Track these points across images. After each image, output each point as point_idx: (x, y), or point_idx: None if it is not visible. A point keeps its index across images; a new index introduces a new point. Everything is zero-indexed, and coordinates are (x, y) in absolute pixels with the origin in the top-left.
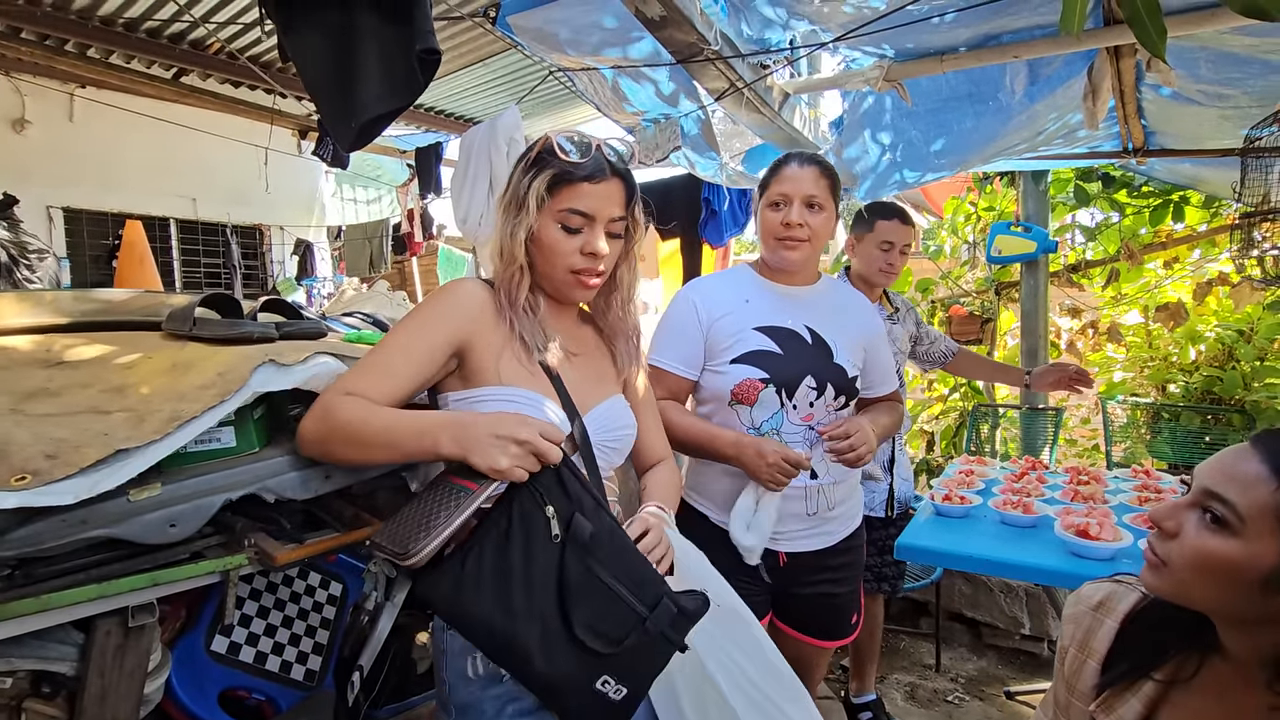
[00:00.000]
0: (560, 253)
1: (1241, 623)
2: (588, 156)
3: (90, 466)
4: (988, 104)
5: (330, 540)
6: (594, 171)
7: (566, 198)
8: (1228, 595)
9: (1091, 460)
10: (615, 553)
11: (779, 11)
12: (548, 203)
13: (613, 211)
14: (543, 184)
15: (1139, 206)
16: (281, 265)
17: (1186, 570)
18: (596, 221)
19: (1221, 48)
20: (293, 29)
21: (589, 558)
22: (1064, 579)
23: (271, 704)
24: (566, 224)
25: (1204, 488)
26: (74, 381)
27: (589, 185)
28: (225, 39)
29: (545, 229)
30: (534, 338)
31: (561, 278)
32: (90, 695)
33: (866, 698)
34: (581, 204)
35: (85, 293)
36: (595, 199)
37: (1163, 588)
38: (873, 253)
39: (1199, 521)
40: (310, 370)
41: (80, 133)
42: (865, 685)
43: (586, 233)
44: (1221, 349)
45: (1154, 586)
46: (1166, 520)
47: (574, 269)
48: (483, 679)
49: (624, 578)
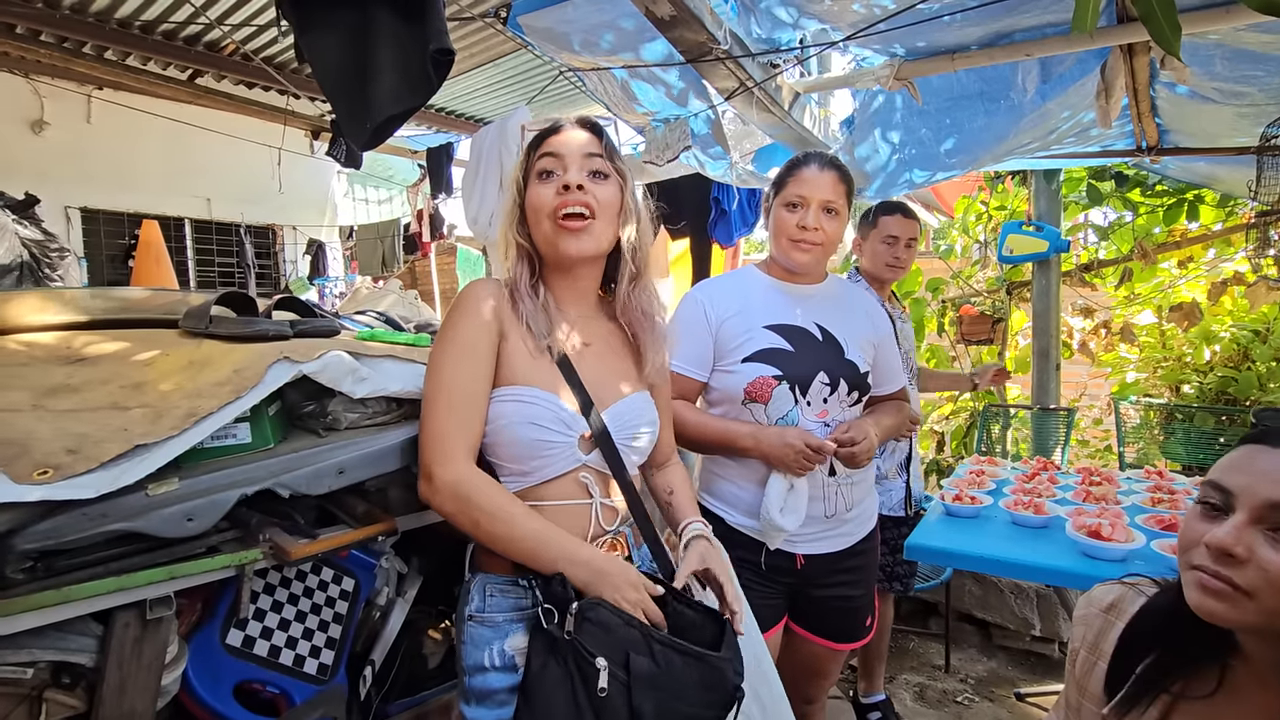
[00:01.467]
0: (540, 203)
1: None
2: (553, 121)
3: (110, 461)
4: (999, 102)
5: (343, 536)
6: (560, 124)
7: (537, 155)
8: None
9: (1104, 461)
10: (678, 677)
11: (789, 11)
12: (529, 174)
13: (583, 149)
14: (521, 163)
15: (1153, 205)
16: (294, 265)
17: (1278, 596)
18: (566, 159)
19: (1237, 44)
20: (308, 30)
21: (657, 692)
22: (1075, 580)
23: (285, 697)
24: (543, 170)
25: (1268, 501)
26: (94, 378)
27: (555, 136)
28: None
29: (530, 195)
30: (539, 323)
31: (549, 230)
32: (109, 686)
33: (875, 698)
34: (549, 149)
35: (105, 291)
36: (561, 140)
37: (1243, 619)
38: (878, 248)
39: (1270, 539)
40: (322, 361)
41: (97, 134)
42: (874, 685)
43: (559, 174)
44: (1236, 349)
45: (1228, 618)
46: (1236, 545)
47: (554, 210)
48: (500, 669)
49: (695, 695)
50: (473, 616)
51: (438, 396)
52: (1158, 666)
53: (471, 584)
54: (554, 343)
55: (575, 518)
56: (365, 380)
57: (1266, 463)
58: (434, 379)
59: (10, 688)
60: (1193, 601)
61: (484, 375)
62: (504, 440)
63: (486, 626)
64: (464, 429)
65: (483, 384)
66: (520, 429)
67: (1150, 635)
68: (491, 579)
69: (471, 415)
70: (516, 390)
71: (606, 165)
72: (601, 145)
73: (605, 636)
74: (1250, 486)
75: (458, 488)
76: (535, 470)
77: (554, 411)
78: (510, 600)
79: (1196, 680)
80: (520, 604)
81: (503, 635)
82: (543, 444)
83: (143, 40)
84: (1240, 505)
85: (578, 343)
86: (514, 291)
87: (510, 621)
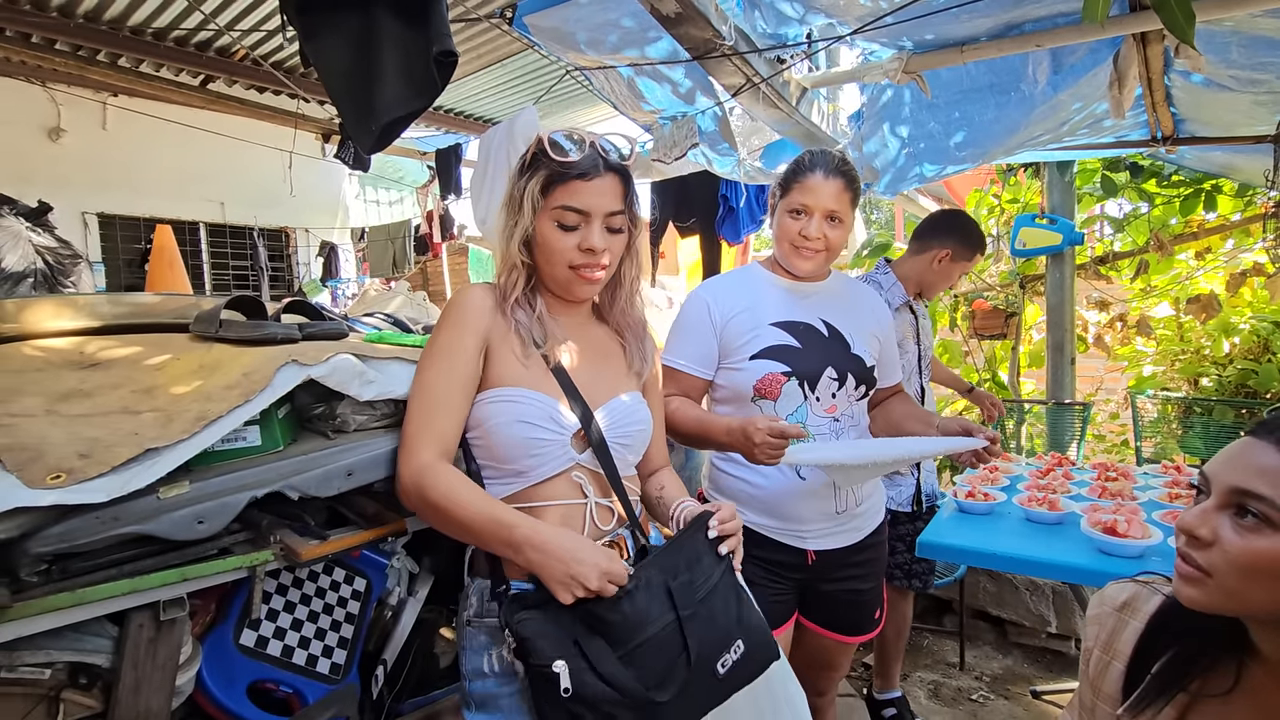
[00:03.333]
0: (558, 250)
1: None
2: (581, 154)
3: (122, 465)
4: (1010, 94)
5: (354, 537)
6: (588, 168)
7: (561, 196)
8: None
9: (1120, 456)
10: (646, 607)
11: (795, 6)
12: (543, 203)
13: (609, 206)
14: (537, 185)
15: (1169, 196)
16: (307, 267)
17: (1237, 577)
18: (592, 217)
19: (1254, 31)
20: (313, 35)
21: (630, 645)
22: (1091, 577)
23: (298, 696)
24: (562, 222)
25: (1233, 486)
26: (106, 382)
27: (582, 182)
28: (250, 46)
29: (542, 229)
30: (532, 333)
31: (563, 275)
32: (125, 686)
33: (891, 694)
34: (576, 201)
35: (117, 296)
36: (589, 195)
37: (1210, 600)
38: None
39: (1235, 524)
40: (330, 364)
41: (113, 140)
42: (890, 683)
43: (583, 229)
44: (1256, 341)
45: (1198, 600)
46: (1200, 527)
47: (573, 265)
48: (499, 675)
49: (685, 597)
50: (471, 621)
51: (412, 400)
52: (1175, 664)
53: (470, 589)
54: (551, 349)
55: (570, 519)
56: (373, 383)
57: (1245, 452)
58: (413, 384)
59: (28, 688)
60: (1173, 588)
61: (459, 377)
62: (495, 441)
63: (484, 632)
64: (430, 427)
65: (456, 385)
66: (510, 428)
67: (1169, 632)
68: (489, 584)
69: (440, 414)
70: (505, 391)
71: (623, 220)
72: (625, 201)
73: (555, 634)
74: (1222, 473)
75: (419, 477)
76: (528, 470)
77: (544, 409)
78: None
79: (1214, 678)
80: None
81: (501, 641)
82: (534, 441)
83: (155, 47)
84: (1212, 491)
85: (571, 347)
86: (507, 297)
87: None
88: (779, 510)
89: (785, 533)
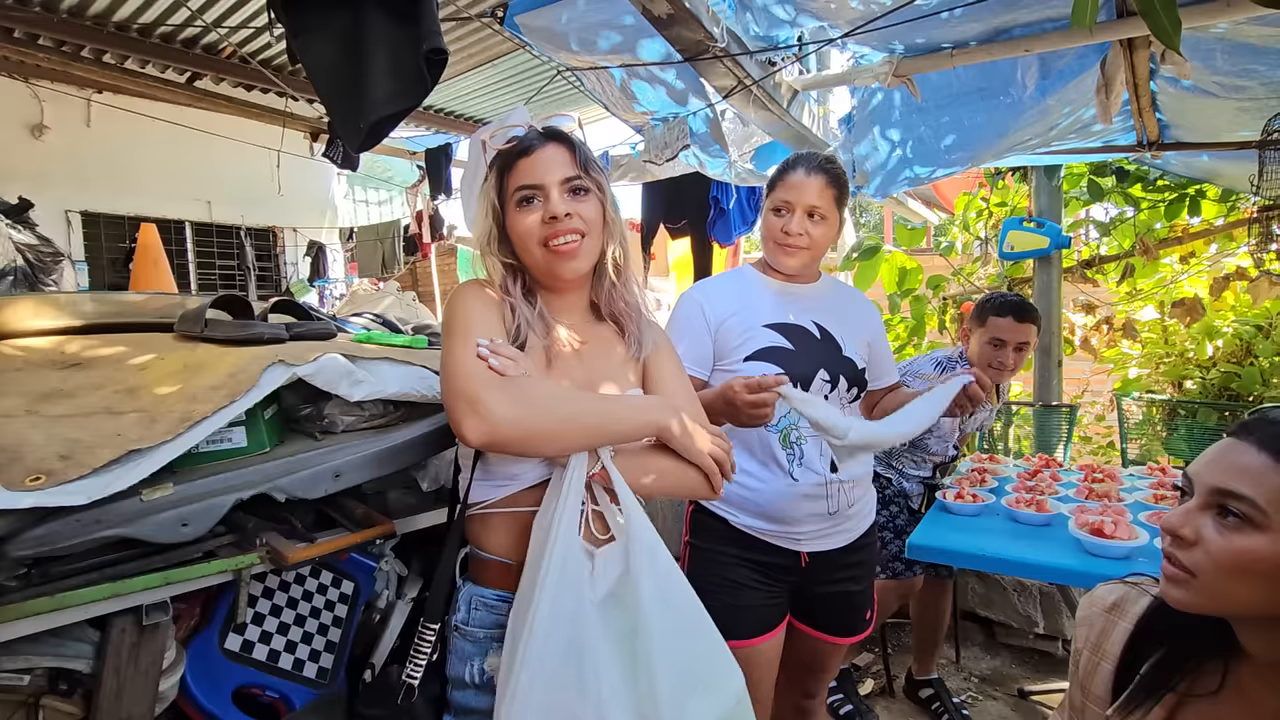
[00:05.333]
0: (526, 231)
1: (1273, 621)
2: (518, 138)
3: (103, 467)
4: (999, 99)
5: (341, 540)
6: (527, 145)
7: (513, 180)
8: (1265, 594)
9: (1106, 458)
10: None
11: (787, 8)
12: (504, 195)
13: (561, 173)
14: (493, 181)
15: (1154, 201)
16: (295, 267)
17: (1219, 577)
18: (548, 188)
19: (1238, 38)
20: (301, 31)
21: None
22: (1078, 578)
23: (285, 701)
24: (522, 201)
25: (1214, 487)
26: (88, 383)
27: (526, 159)
28: (237, 43)
29: (511, 220)
30: (537, 329)
31: (540, 256)
32: (106, 692)
33: (929, 677)
34: (527, 178)
35: (101, 295)
36: (537, 168)
37: (1196, 601)
38: (984, 348)
39: (1217, 524)
40: (317, 364)
41: (97, 137)
42: (927, 668)
43: (542, 202)
44: (1239, 345)
45: (1184, 601)
46: (1184, 528)
47: (544, 240)
48: (477, 686)
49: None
50: (458, 628)
51: (454, 340)
52: (1163, 665)
53: (460, 593)
54: (551, 345)
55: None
56: (362, 383)
57: (1226, 453)
58: (450, 332)
59: (7, 694)
60: (1160, 589)
61: (500, 325)
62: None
63: (468, 640)
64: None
65: (502, 329)
66: None
67: (1157, 633)
68: (479, 592)
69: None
70: None
71: (585, 181)
72: (577, 162)
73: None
74: (1204, 474)
75: (512, 403)
76: (523, 473)
77: None
78: (493, 617)
79: (1201, 679)
80: (502, 621)
81: (482, 652)
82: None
83: (141, 43)
84: (1195, 491)
85: (574, 344)
86: (507, 297)
87: (490, 639)
88: (773, 513)
89: (779, 535)
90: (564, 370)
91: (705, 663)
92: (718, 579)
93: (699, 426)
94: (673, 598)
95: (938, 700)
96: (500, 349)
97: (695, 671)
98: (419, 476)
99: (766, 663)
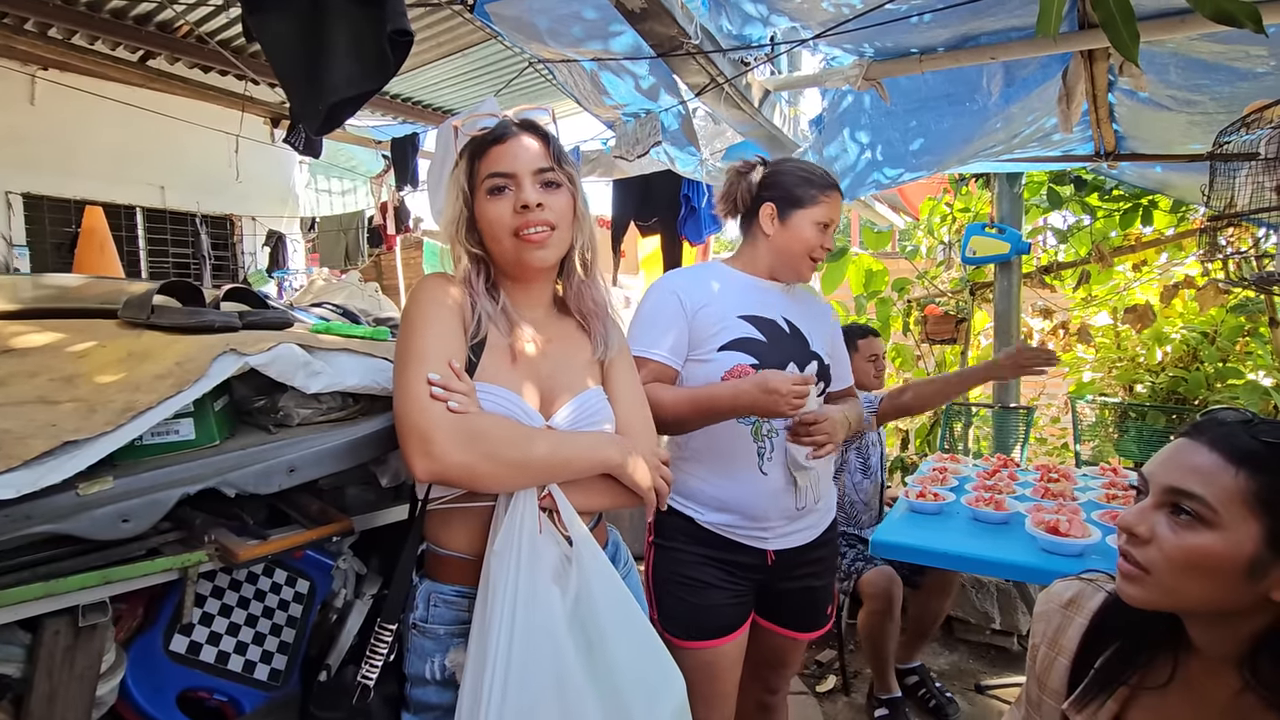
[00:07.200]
0: (497, 219)
1: (1221, 616)
2: (492, 126)
3: (35, 459)
4: (965, 105)
5: (296, 537)
6: (501, 133)
7: (484, 168)
8: (1216, 590)
9: (1061, 459)
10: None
11: (759, 7)
12: (474, 183)
13: (534, 163)
14: (464, 168)
15: (1110, 210)
16: (253, 257)
17: (1172, 573)
18: (520, 177)
19: (1191, 53)
20: (259, 7)
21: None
22: (1035, 575)
23: (234, 705)
24: (494, 190)
25: (1167, 486)
26: (21, 370)
27: (499, 147)
28: (194, 21)
29: (480, 208)
30: (500, 325)
31: (510, 246)
32: (38, 698)
33: (912, 664)
34: (499, 165)
35: (39, 278)
36: (509, 156)
37: (1149, 597)
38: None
39: (1170, 522)
40: (272, 354)
41: (42, 116)
42: (912, 656)
43: (513, 190)
44: (1186, 350)
45: (1138, 597)
46: (1139, 525)
47: (514, 230)
48: (439, 683)
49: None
50: (416, 625)
51: (408, 364)
52: (1116, 659)
53: (418, 590)
54: (514, 342)
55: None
56: (319, 374)
57: (1179, 453)
58: (404, 351)
59: None
60: (1115, 585)
61: (459, 335)
62: None
63: (428, 638)
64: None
65: (460, 343)
66: None
67: (1112, 628)
68: (437, 588)
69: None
70: (478, 386)
71: (558, 174)
72: (550, 155)
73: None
74: (1158, 473)
75: (466, 433)
76: None
77: (511, 407)
78: (453, 613)
79: (1152, 672)
80: (462, 618)
81: (443, 648)
82: None
83: (89, 18)
84: (1150, 490)
85: (537, 341)
86: (470, 291)
87: (451, 635)
88: (742, 508)
89: (747, 533)
90: (526, 368)
91: (652, 675)
92: (683, 578)
93: (642, 461)
94: (620, 623)
95: (924, 687)
96: (452, 384)
97: (643, 685)
98: (378, 472)
99: (731, 663)
